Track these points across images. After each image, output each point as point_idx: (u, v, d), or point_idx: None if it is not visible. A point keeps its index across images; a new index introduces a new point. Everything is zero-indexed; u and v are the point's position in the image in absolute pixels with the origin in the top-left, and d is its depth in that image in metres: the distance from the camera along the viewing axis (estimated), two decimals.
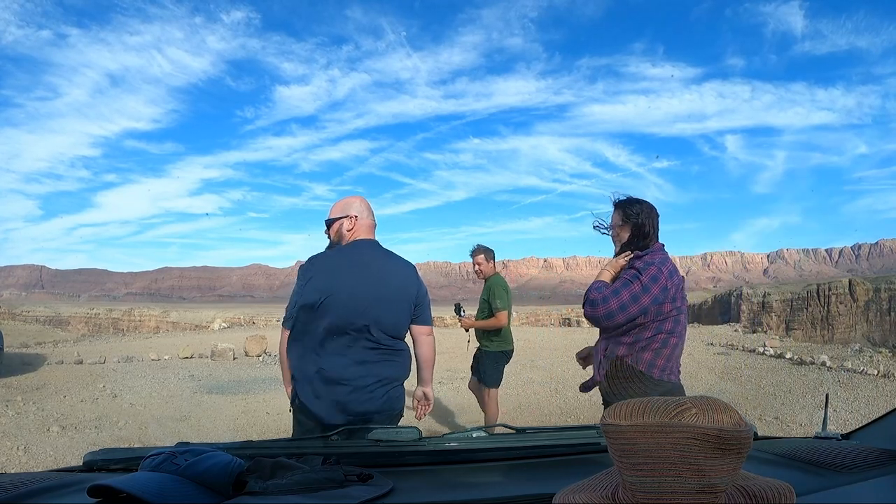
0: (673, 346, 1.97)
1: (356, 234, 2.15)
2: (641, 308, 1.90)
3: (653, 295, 1.90)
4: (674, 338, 1.97)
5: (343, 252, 2.12)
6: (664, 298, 1.92)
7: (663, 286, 1.91)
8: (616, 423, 0.71)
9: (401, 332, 2.11)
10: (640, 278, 1.91)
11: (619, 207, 2.09)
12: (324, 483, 1.02)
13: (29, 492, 0.94)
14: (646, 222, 2.03)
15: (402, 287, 2.10)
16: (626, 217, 2.06)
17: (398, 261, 2.18)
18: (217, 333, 20.35)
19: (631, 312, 1.89)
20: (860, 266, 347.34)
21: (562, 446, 1.29)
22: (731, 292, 65.89)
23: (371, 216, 2.20)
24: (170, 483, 0.91)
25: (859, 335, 50.50)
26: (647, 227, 2.03)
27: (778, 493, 0.71)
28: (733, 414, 0.70)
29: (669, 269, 1.96)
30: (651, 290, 1.89)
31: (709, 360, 9.35)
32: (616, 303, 1.89)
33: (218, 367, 9.74)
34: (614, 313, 1.89)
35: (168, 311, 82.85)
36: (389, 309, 2.05)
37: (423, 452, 1.24)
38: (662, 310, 1.93)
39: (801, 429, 5.06)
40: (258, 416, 5.82)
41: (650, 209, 2.06)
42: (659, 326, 1.94)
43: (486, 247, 4.24)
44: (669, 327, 1.95)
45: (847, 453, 1.18)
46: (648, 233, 2.04)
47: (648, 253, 2.02)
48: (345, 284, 2.01)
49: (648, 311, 1.92)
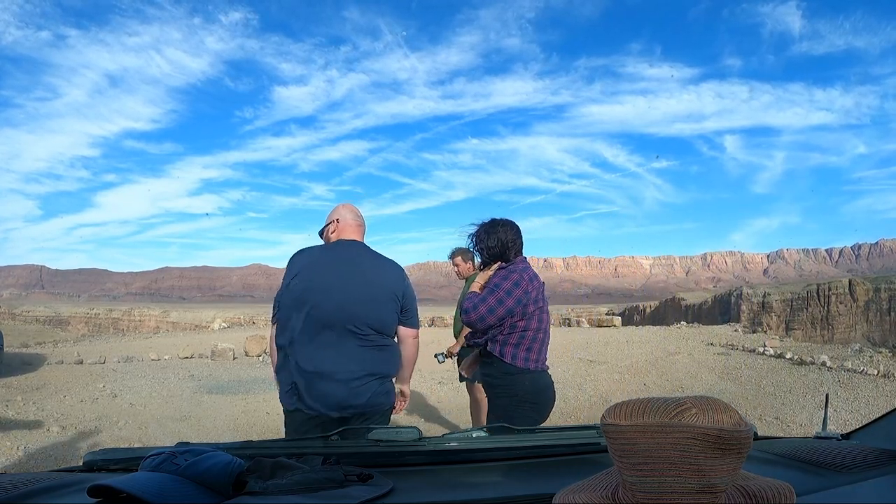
0: (540, 341, 2.34)
1: (340, 236, 2.21)
2: (507, 309, 2.24)
3: (516, 297, 2.24)
4: (540, 333, 2.33)
5: (326, 249, 2.18)
6: (527, 300, 2.27)
7: (525, 290, 2.26)
8: (616, 423, 0.71)
9: (386, 329, 2.11)
10: (504, 285, 2.26)
11: (487, 227, 2.45)
12: (324, 483, 1.02)
13: (29, 492, 0.94)
14: (507, 241, 2.38)
15: (386, 284, 2.11)
16: (491, 236, 2.42)
17: (384, 260, 2.20)
18: (217, 333, 20.35)
19: (499, 314, 2.24)
20: (860, 266, 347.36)
21: (562, 446, 1.29)
22: (731, 292, 65.91)
23: (356, 219, 2.24)
24: (170, 483, 0.91)
25: (859, 335, 50.51)
26: (509, 244, 2.38)
27: (778, 493, 0.71)
28: (733, 414, 0.70)
29: (530, 276, 2.31)
30: (514, 293, 2.24)
31: (709, 360, 9.35)
32: (484, 308, 2.23)
33: (218, 367, 9.74)
34: (484, 317, 2.24)
35: (168, 311, 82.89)
36: (373, 305, 2.06)
37: (423, 452, 1.24)
38: (527, 310, 2.28)
39: (801, 429, 5.06)
40: (258, 416, 5.82)
41: (510, 228, 2.41)
42: (525, 324, 2.29)
43: (464, 248, 4.30)
44: (535, 325, 2.31)
45: (847, 453, 1.18)
46: (510, 248, 2.38)
47: (512, 264, 2.36)
48: (327, 279, 2.03)
49: (514, 312, 2.26)
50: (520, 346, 2.28)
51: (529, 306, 2.28)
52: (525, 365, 2.29)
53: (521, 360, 2.29)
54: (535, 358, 2.33)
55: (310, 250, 2.16)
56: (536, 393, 2.33)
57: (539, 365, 2.35)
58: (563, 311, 30.91)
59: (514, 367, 2.28)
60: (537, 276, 2.36)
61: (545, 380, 2.38)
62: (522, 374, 2.28)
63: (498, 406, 2.39)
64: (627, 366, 8.95)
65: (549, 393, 2.41)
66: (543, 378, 2.36)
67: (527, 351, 2.29)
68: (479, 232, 2.44)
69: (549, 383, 2.42)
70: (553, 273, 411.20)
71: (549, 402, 2.42)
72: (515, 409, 2.32)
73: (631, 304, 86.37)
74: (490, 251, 2.39)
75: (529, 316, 2.29)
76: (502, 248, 2.37)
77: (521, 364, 2.28)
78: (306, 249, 2.16)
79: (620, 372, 8.43)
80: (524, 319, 2.28)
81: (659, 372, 8.39)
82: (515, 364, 2.28)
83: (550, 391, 2.42)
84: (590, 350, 10.80)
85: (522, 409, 2.30)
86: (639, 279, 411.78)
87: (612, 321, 19.78)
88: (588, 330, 17.46)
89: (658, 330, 16.63)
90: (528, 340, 2.29)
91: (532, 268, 2.39)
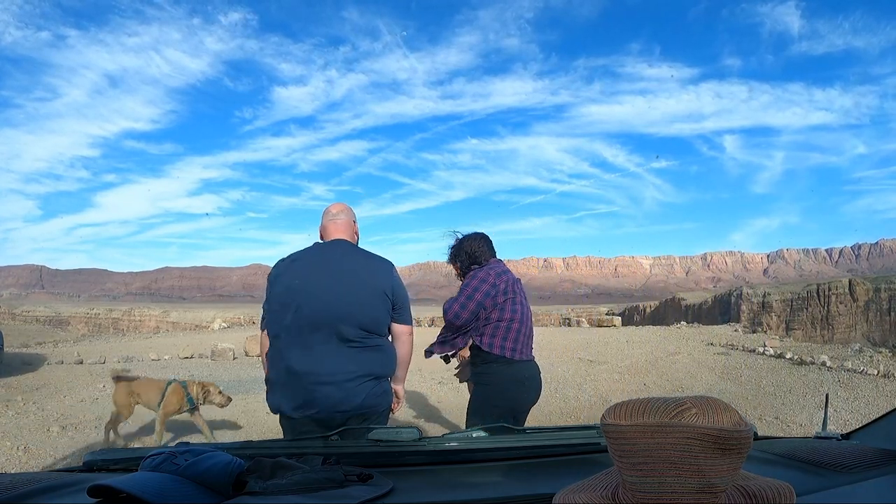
0: (516, 331, 2.50)
1: (323, 237, 2.21)
2: (477, 303, 2.48)
3: (483, 291, 2.48)
4: (515, 323, 2.50)
5: (312, 249, 2.16)
6: (495, 293, 2.49)
7: (492, 283, 2.50)
8: (616, 423, 0.71)
9: (378, 328, 2.09)
10: (472, 283, 2.53)
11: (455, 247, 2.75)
12: (324, 483, 1.02)
13: (29, 492, 0.94)
14: (473, 251, 2.68)
15: (374, 282, 2.08)
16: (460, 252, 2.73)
17: (373, 258, 2.17)
18: (217, 333, 20.35)
19: (470, 308, 2.49)
20: (860, 266, 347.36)
21: (562, 446, 1.29)
22: (731, 292, 65.90)
23: (334, 217, 2.22)
24: (170, 483, 0.91)
25: (859, 335, 50.49)
26: (476, 252, 2.68)
27: (778, 493, 0.71)
28: (733, 414, 0.70)
29: (497, 272, 2.55)
30: (481, 289, 2.49)
31: (709, 360, 9.34)
32: (457, 305, 2.51)
33: (218, 367, 9.74)
34: (458, 313, 2.50)
35: (168, 312, 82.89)
36: (363, 304, 2.03)
37: (423, 452, 1.24)
38: (496, 301, 2.49)
39: (801, 429, 5.06)
40: (258, 416, 5.82)
41: (475, 240, 2.71)
42: (499, 315, 2.49)
43: None
44: (508, 315, 2.49)
45: (847, 453, 1.18)
46: (479, 255, 2.67)
47: (484, 267, 2.61)
48: (311, 280, 2.02)
49: (485, 305, 2.49)
50: (495, 336, 2.48)
51: (499, 297, 2.49)
52: (501, 353, 2.46)
53: (498, 349, 2.47)
54: (512, 347, 2.48)
55: (289, 256, 2.15)
56: (513, 380, 2.46)
57: (517, 354, 2.49)
58: (563, 311, 30.88)
59: (490, 355, 2.47)
60: (508, 271, 2.62)
61: (525, 369, 2.51)
62: (498, 361, 2.47)
63: (477, 393, 2.52)
64: (627, 366, 8.95)
65: (528, 383, 2.50)
66: (523, 367, 2.50)
67: (502, 340, 2.47)
68: (451, 253, 2.77)
69: (529, 374, 2.51)
70: (553, 273, 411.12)
71: (527, 391, 2.50)
72: (492, 396, 2.44)
73: (631, 304, 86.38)
74: (463, 263, 2.70)
75: (501, 307, 2.49)
76: (472, 258, 2.67)
77: (497, 352, 2.47)
78: (293, 255, 2.15)
79: (620, 372, 8.43)
80: (496, 310, 2.49)
81: (659, 372, 8.39)
82: (492, 352, 2.47)
83: (530, 382, 2.51)
84: (590, 350, 10.80)
85: (499, 397, 2.42)
86: (639, 279, 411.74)
87: (612, 321, 19.78)
88: (588, 330, 17.46)
89: (658, 330, 16.63)
90: (502, 330, 2.48)
91: (503, 265, 2.64)
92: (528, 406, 2.54)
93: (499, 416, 2.34)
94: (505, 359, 2.46)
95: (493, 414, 2.39)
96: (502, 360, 2.46)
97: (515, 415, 2.46)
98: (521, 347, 2.51)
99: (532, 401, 2.55)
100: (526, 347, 2.54)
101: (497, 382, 2.46)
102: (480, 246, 2.69)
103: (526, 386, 2.50)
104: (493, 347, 2.47)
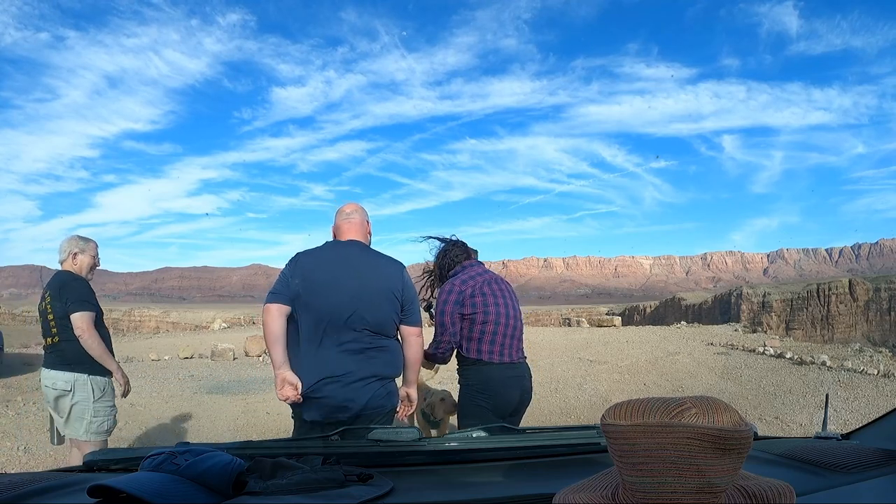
0: (491, 332, 2.47)
1: (336, 237, 2.22)
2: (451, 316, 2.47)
3: (450, 307, 2.47)
4: (489, 325, 2.46)
5: (325, 248, 2.17)
6: (462, 300, 2.47)
7: (457, 291, 2.48)
8: (616, 423, 0.71)
9: (386, 329, 2.10)
10: (438, 305, 2.53)
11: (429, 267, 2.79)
12: (324, 483, 1.02)
13: (29, 492, 0.94)
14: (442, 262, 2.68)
15: (385, 283, 2.09)
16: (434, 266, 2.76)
17: (384, 259, 2.18)
18: (217, 333, 20.35)
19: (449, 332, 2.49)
20: (860, 266, 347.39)
21: (562, 446, 1.29)
22: (731, 292, 65.90)
23: (348, 217, 2.22)
24: (170, 483, 0.91)
25: (859, 335, 50.50)
26: (445, 262, 2.67)
27: (778, 493, 0.71)
28: (733, 414, 0.70)
29: (462, 279, 2.53)
30: (446, 309, 2.48)
31: (709, 360, 9.34)
32: (441, 346, 2.51)
33: (218, 367, 9.74)
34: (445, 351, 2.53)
35: (168, 312, 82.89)
36: (372, 304, 2.04)
37: (423, 452, 1.24)
38: (464, 311, 2.47)
39: (801, 429, 5.07)
40: (258, 416, 5.82)
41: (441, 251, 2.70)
42: (471, 318, 2.47)
43: None
44: (481, 318, 2.46)
45: (847, 453, 1.18)
46: (449, 262, 2.66)
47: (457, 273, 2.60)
48: (322, 280, 2.02)
49: (454, 319, 2.48)
50: (471, 340, 2.48)
51: (465, 304, 2.48)
52: (478, 356, 2.46)
53: (474, 352, 2.47)
54: (489, 350, 2.46)
55: (311, 251, 2.16)
56: (487, 382, 2.42)
57: (495, 357, 2.46)
58: (563, 311, 30.88)
59: (468, 359, 2.49)
60: (480, 273, 2.58)
61: (500, 371, 2.45)
62: (474, 364, 2.47)
63: (460, 396, 2.54)
64: (627, 366, 8.95)
65: (507, 384, 2.44)
66: (498, 370, 2.45)
67: (478, 343, 2.46)
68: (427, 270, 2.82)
69: (505, 375, 2.45)
70: (553, 273, 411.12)
71: (504, 394, 2.43)
72: (473, 397, 2.42)
73: (631, 304, 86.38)
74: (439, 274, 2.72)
75: (471, 313, 2.48)
76: (442, 268, 2.70)
77: (473, 356, 2.47)
78: (308, 251, 2.15)
79: (620, 372, 8.43)
80: (468, 318, 2.48)
81: (659, 372, 8.39)
82: (469, 356, 2.48)
83: (508, 383, 2.45)
84: (590, 350, 10.79)
85: (475, 398, 2.42)
86: (639, 279, 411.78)
87: (612, 321, 19.78)
88: (588, 330, 17.44)
89: (658, 330, 16.61)
90: (477, 333, 2.46)
91: (477, 268, 2.61)
92: (513, 408, 2.48)
93: (483, 418, 2.31)
94: (479, 361, 2.45)
95: (476, 415, 2.37)
96: (476, 363, 2.46)
97: (502, 416, 2.40)
98: (500, 349, 2.47)
99: (515, 402, 2.48)
100: (507, 349, 2.49)
101: (475, 384, 2.45)
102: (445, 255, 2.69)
103: (502, 387, 2.43)
104: (469, 351, 2.48)
